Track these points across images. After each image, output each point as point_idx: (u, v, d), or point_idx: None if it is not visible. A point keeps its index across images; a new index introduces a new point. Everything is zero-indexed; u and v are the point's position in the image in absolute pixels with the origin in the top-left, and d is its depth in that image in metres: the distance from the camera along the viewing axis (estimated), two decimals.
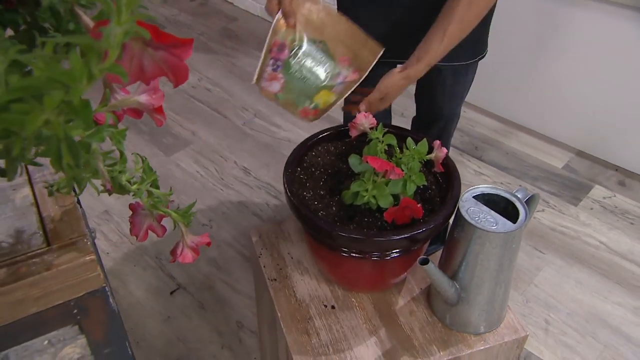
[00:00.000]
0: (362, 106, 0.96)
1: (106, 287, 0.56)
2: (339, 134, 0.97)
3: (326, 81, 0.94)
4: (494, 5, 1.20)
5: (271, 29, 0.92)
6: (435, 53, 0.94)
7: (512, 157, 2.07)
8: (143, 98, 0.47)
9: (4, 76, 0.31)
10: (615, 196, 1.90)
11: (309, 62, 0.93)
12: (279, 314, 0.91)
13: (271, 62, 0.92)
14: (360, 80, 0.94)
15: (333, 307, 0.92)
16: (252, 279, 1.56)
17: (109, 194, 0.62)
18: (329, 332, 0.88)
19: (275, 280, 0.96)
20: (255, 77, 0.94)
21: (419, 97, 1.37)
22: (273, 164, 1.98)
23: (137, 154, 0.64)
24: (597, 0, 1.79)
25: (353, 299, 0.93)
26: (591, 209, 1.84)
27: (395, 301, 0.92)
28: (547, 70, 2.04)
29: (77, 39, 0.31)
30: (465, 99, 1.35)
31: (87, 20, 0.42)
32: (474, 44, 1.22)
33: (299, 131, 2.14)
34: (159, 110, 0.50)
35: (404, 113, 2.19)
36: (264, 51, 0.93)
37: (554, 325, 1.45)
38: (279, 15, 0.93)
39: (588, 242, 1.71)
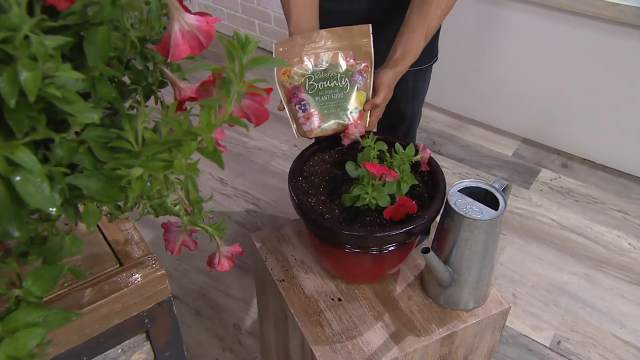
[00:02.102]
0: (374, 109, 1.03)
1: (171, 297, 0.64)
2: (331, 144, 1.07)
3: (349, 86, 1.01)
4: None
5: (277, 85, 1.01)
6: (419, 48, 1.06)
7: (467, 149, 2.24)
8: None
9: (141, 133, 0.40)
10: (560, 177, 2.11)
11: (326, 83, 1.00)
12: (292, 311, 1.00)
13: (297, 107, 1.00)
14: (374, 64, 1.03)
15: (339, 299, 1.02)
16: (244, 284, 1.63)
17: (156, 216, 0.70)
18: (339, 322, 0.98)
19: (284, 280, 1.05)
20: (295, 131, 1.01)
21: None
22: (247, 172, 2.06)
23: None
24: (528, 3, 1.99)
25: (356, 291, 1.03)
26: (541, 190, 2.04)
27: (394, 289, 1.04)
28: (491, 67, 2.23)
29: (206, 102, 0.39)
30: None
31: (171, 75, 0.50)
32: (430, 50, 1.37)
33: (267, 139, 2.22)
34: (217, 143, 0.59)
35: None
36: (286, 108, 1.01)
37: (521, 297, 1.62)
38: (278, 71, 1.01)
39: (542, 220, 1.89)
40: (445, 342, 0.98)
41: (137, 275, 0.59)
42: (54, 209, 0.35)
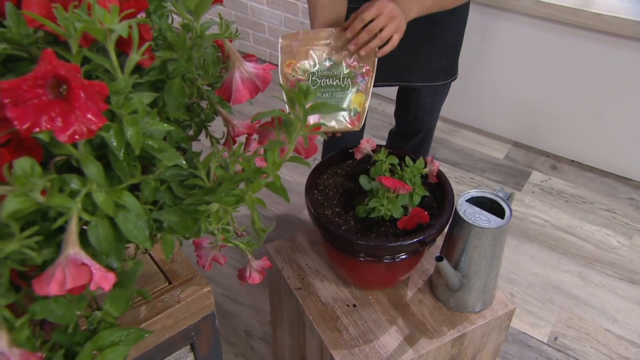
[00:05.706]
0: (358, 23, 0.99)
1: (215, 311, 0.69)
2: (342, 158, 1.12)
3: (350, 87, 1.04)
4: (463, 33, 1.42)
5: (281, 77, 1.04)
6: (426, 9, 1.08)
7: (460, 153, 2.31)
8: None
9: (213, 171, 0.45)
10: (550, 179, 2.19)
11: (328, 81, 1.02)
12: (310, 317, 1.05)
13: None
14: (375, 68, 1.05)
15: (355, 305, 1.07)
16: (252, 290, 1.68)
17: (197, 237, 0.75)
18: (356, 327, 1.03)
19: (300, 289, 1.10)
20: None
21: (401, 113, 1.55)
22: None
23: None
24: (518, 14, 2.07)
25: (370, 297, 1.09)
26: (533, 192, 2.12)
27: (405, 294, 1.10)
28: (483, 73, 2.30)
29: (270, 145, 0.44)
30: None
31: (225, 114, 0.55)
32: (450, 68, 1.44)
33: None
34: None
35: None
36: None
37: (518, 296, 1.69)
38: (282, 63, 1.04)
39: (534, 221, 1.97)
40: (456, 343, 1.04)
41: (186, 292, 0.64)
42: (148, 243, 0.40)
